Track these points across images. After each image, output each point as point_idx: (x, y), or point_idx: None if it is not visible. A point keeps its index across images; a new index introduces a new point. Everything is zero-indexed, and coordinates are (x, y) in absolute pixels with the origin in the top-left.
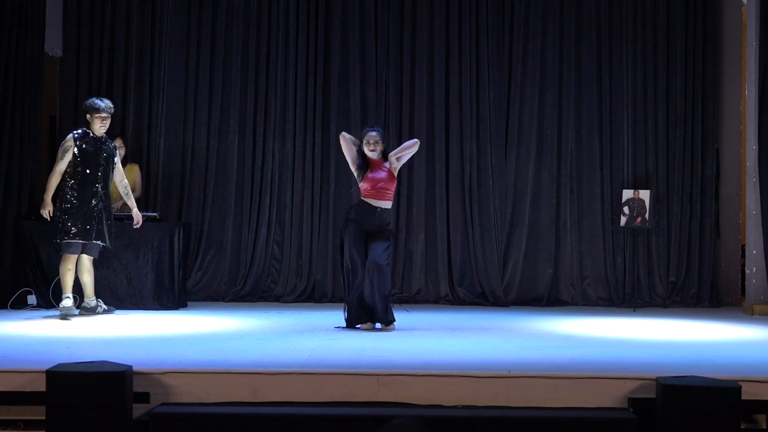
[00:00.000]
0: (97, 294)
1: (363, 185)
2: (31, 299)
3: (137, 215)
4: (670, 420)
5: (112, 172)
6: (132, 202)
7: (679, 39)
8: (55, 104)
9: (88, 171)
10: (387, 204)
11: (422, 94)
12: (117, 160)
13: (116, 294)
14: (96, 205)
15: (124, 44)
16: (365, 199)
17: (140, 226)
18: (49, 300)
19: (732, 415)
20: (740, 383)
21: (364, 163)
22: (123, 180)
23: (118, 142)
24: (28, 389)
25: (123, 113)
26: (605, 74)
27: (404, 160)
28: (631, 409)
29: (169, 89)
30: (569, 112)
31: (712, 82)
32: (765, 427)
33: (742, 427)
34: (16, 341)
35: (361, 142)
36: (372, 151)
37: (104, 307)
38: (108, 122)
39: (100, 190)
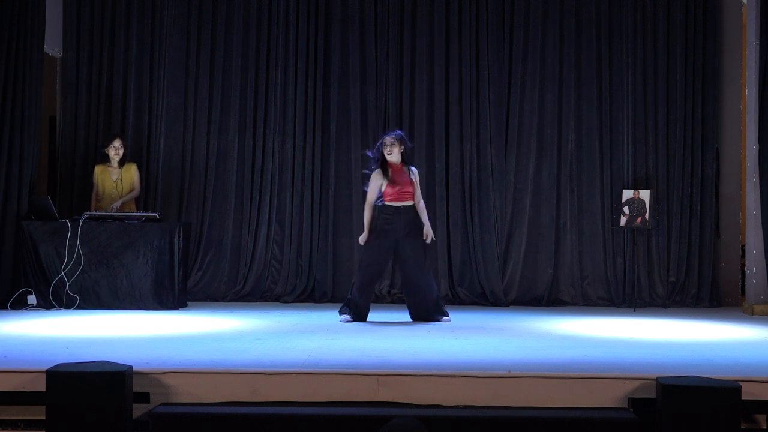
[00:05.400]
0: (98, 294)
1: (385, 192)
2: (31, 299)
3: None
4: (670, 420)
5: None
6: None
7: (679, 39)
8: (55, 104)
9: None
10: (408, 203)
11: (422, 94)
12: None
13: (116, 294)
14: None
15: (124, 44)
16: (387, 203)
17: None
18: (49, 300)
19: (732, 415)
20: (740, 383)
21: (386, 173)
22: None
23: (117, 143)
24: (28, 389)
25: (123, 113)
26: (605, 74)
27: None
28: (631, 409)
29: (169, 89)
30: (569, 112)
31: (712, 82)
32: (765, 427)
33: (742, 427)
34: (16, 341)
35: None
36: (389, 154)
37: None
38: None
39: None
